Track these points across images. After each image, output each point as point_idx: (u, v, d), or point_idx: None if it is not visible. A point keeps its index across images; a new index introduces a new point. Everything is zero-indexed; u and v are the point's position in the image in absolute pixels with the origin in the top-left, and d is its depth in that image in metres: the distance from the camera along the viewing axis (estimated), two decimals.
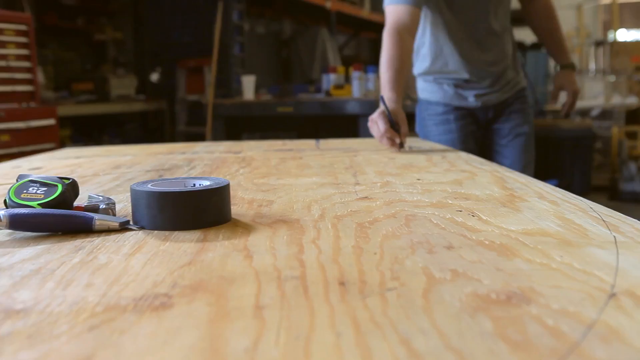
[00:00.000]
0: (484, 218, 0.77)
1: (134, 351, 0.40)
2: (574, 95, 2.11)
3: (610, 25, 12.53)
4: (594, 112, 5.15)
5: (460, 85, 2.06)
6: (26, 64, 2.88)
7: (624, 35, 11.71)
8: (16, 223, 0.70)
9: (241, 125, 3.97)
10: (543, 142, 4.34)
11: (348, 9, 7.20)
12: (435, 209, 0.83)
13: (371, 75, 3.71)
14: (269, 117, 3.82)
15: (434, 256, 0.60)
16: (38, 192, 0.76)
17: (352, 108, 3.53)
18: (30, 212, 0.71)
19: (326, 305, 0.47)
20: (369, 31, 8.72)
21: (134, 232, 0.73)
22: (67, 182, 0.78)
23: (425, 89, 2.11)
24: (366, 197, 0.92)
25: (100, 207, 0.80)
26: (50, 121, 2.92)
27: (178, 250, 0.64)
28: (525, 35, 9.13)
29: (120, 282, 0.54)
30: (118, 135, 4.87)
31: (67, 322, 0.45)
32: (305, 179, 1.12)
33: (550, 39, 2.16)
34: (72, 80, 4.53)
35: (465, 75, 2.04)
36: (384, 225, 0.74)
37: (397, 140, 1.56)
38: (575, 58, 11.15)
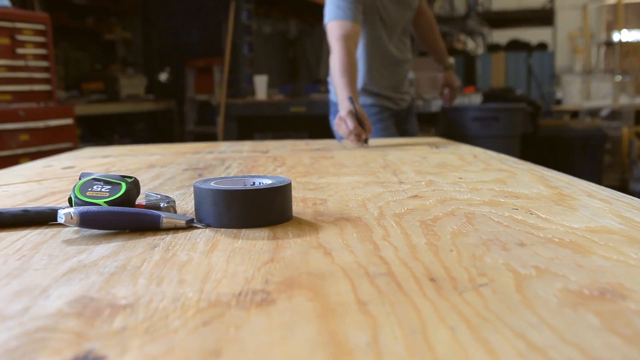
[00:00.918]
0: (543, 216, 0.78)
1: (257, 345, 0.41)
2: (455, 90, 2.49)
3: (613, 25, 12.55)
4: (603, 113, 5.16)
5: (388, 89, 2.33)
6: (44, 63, 2.89)
7: (625, 35, 11.73)
8: (86, 221, 0.70)
9: (253, 125, 3.97)
10: (553, 142, 4.35)
11: None
12: (490, 208, 0.83)
13: None
14: (281, 117, 3.83)
15: (510, 253, 0.61)
16: (103, 190, 0.77)
17: None
18: (100, 210, 0.71)
19: (426, 301, 0.48)
20: None
21: (200, 230, 0.74)
22: (129, 180, 0.79)
23: (361, 94, 2.29)
24: (416, 196, 0.93)
25: (161, 205, 0.81)
26: (68, 120, 2.93)
27: (254, 247, 0.65)
28: (529, 35, 9.16)
29: (212, 279, 0.55)
30: (127, 134, 4.88)
31: (178, 318, 0.46)
32: (347, 177, 1.13)
33: (434, 46, 2.51)
34: (82, 79, 4.54)
35: (392, 82, 2.31)
36: (447, 223, 0.74)
37: (363, 137, 1.74)
38: (579, 59, 11.17)
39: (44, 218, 0.79)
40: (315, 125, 4.14)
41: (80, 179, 0.80)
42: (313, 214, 0.81)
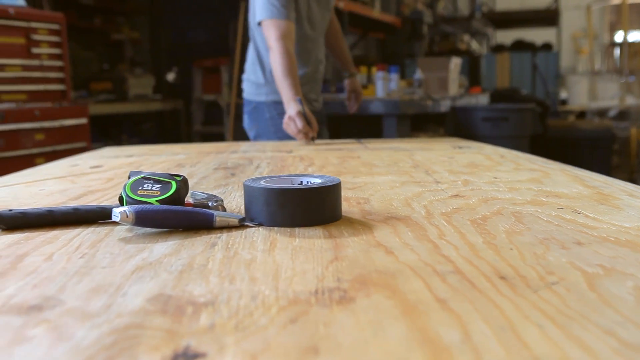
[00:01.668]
0: (591, 215, 0.78)
1: (351, 342, 0.41)
2: (360, 96, 2.56)
3: (616, 26, 12.55)
4: (611, 113, 5.16)
5: (305, 88, 2.32)
6: (58, 63, 2.89)
7: (631, 36, 11.72)
8: (142, 219, 0.71)
9: None
10: (561, 143, 4.35)
11: (360, 9, 7.20)
12: (535, 207, 0.84)
13: (394, 76, 3.73)
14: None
15: (571, 252, 0.62)
16: (153, 188, 0.77)
17: (376, 108, 3.54)
18: (155, 208, 0.72)
19: (503, 298, 0.49)
20: (378, 31, 8.74)
21: (253, 228, 0.74)
22: (179, 179, 0.79)
23: (273, 93, 2.29)
24: (457, 195, 0.93)
25: (210, 204, 0.81)
26: (82, 120, 2.93)
27: (313, 246, 0.65)
28: (532, 36, 9.16)
29: (282, 277, 0.55)
30: (135, 134, 4.88)
31: (262, 315, 0.46)
32: (381, 177, 1.13)
33: (340, 54, 2.57)
34: (90, 79, 4.54)
35: (311, 82, 2.32)
36: (498, 222, 0.75)
37: (310, 135, 1.88)
38: (582, 59, 11.17)
39: (94, 216, 0.79)
40: (328, 125, 4.15)
41: (129, 177, 0.80)
42: (361, 213, 0.82)
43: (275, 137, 2.25)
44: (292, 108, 1.91)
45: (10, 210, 0.77)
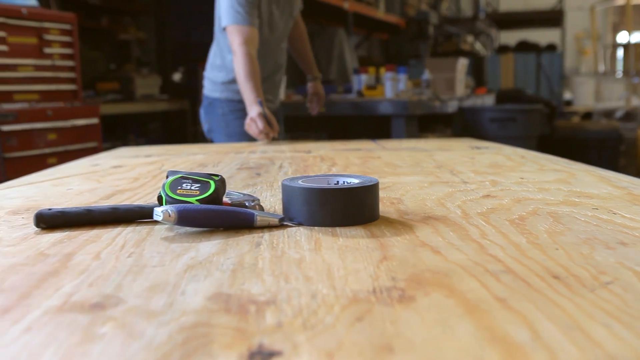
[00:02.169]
0: (627, 216, 0.79)
1: (423, 340, 0.41)
2: (322, 99, 2.62)
3: (619, 27, 12.55)
4: (618, 114, 5.16)
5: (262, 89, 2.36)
6: (70, 62, 2.89)
7: (635, 37, 11.72)
8: (184, 219, 0.71)
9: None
10: (568, 143, 4.36)
11: (364, 9, 7.21)
12: (570, 207, 0.84)
13: (402, 76, 3.73)
14: (299, 118, 3.83)
15: (617, 252, 0.62)
16: (192, 188, 0.78)
17: (384, 109, 3.54)
18: (198, 208, 0.72)
19: (562, 298, 0.49)
20: (382, 32, 8.74)
21: (294, 228, 0.74)
22: (216, 178, 0.80)
23: (232, 90, 2.36)
24: (488, 195, 0.94)
25: (247, 204, 0.82)
26: (93, 120, 2.93)
27: (359, 245, 0.66)
28: (539, 36, 9.16)
29: (336, 276, 0.55)
30: (142, 135, 4.88)
31: (327, 313, 0.46)
32: (408, 177, 1.14)
33: (304, 57, 2.60)
34: (97, 79, 4.54)
35: (266, 84, 2.34)
36: (536, 222, 0.75)
37: (271, 135, 2.00)
38: (585, 60, 11.17)
39: (132, 215, 0.79)
40: (334, 125, 4.15)
41: (167, 177, 0.80)
42: (397, 213, 0.82)
43: (224, 132, 2.35)
44: (253, 110, 2.01)
45: (49, 209, 0.78)
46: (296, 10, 2.43)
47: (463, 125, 4.19)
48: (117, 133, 4.67)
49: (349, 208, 0.74)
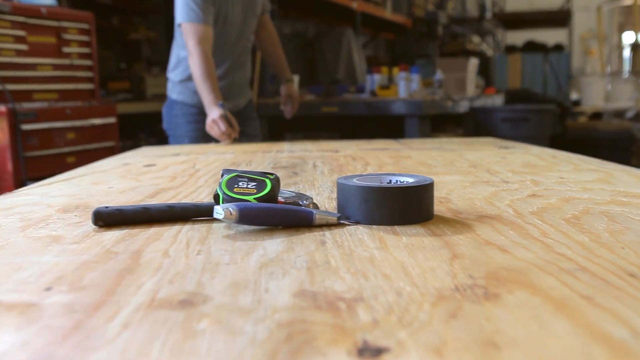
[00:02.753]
0: None
1: (524, 336, 0.42)
2: (296, 102, 2.58)
3: (624, 27, 12.54)
4: (629, 114, 5.17)
5: (221, 89, 2.31)
6: (87, 62, 2.90)
7: (631, 37, 11.70)
8: (245, 217, 0.71)
9: (284, 125, 3.98)
10: (580, 144, 4.35)
11: (372, 9, 7.22)
12: (620, 207, 0.84)
13: (415, 76, 3.73)
14: (312, 117, 3.84)
15: None
16: (249, 186, 0.78)
17: (398, 108, 3.55)
18: (258, 206, 0.72)
19: None
20: (388, 32, 8.75)
21: (352, 226, 0.75)
22: (271, 177, 0.80)
23: (182, 92, 2.37)
24: (534, 195, 0.94)
25: (301, 202, 0.82)
26: (111, 119, 2.94)
27: (423, 244, 0.66)
28: (546, 37, 9.16)
29: (414, 274, 0.56)
30: (152, 134, 4.89)
31: (419, 310, 0.47)
32: (447, 176, 1.14)
33: (276, 59, 2.58)
34: (108, 79, 4.55)
35: (222, 86, 2.30)
36: (592, 222, 0.75)
37: (233, 136, 2.04)
38: (591, 60, 11.16)
39: (188, 214, 0.80)
40: (346, 125, 4.16)
41: (222, 175, 0.81)
42: (449, 212, 0.82)
43: (174, 133, 2.36)
44: (214, 112, 2.03)
45: (106, 207, 0.78)
46: (259, 8, 2.40)
47: (475, 125, 4.19)
48: (127, 132, 4.68)
49: (407, 207, 0.75)
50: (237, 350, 0.40)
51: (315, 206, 0.82)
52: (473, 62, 4.67)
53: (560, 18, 8.34)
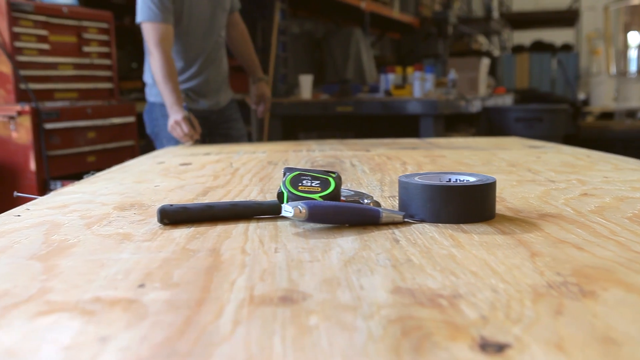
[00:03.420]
0: None
1: (629, 331, 0.42)
2: (268, 101, 2.56)
3: (630, 27, 12.51)
4: None
5: (193, 91, 2.33)
6: (107, 61, 2.91)
7: (637, 37, 11.65)
8: (315, 215, 0.72)
9: (298, 124, 3.99)
10: (594, 144, 4.35)
11: (381, 9, 7.22)
12: None
13: (429, 76, 3.74)
14: (326, 117, 3.85)
15: None
16: (313, 185, 0.79)
17: (413, 108, 3.56)
18: (327, 204, 0.73)
19: None
20: (394, 32, 8.75)
21: (418, 224, 0.75)
22: (333, 175, 0.81)
23: (159, 94, 2.30)
24: (586, 194, 0.95)
25: (363, 200, 0.82)
26: (130, 118, 2.95)
27: (496, 242, 0.66)
28: (553, 36, 9.16)
29: (501, 271, 0.56)
30: None
31: (520, 306, 0.47)
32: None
33: (247, 58, 2.55)
34: (121, 78, 4.55)
35: (198, 83, 2.31)
36: None
37: (194, 138, 2.06)
38: (598, 60, 11.15)
39: (250, 212, 0.80)
40: (361, 125, 4.16)
41: (284, 174, 0.82)
42: (509, 211, 0.83)
43: (160, 136, 2.31)
44: (177, 113, 2.03)
45: (171, 205, 0.79)
46: (228, 3, 2.37)
47: (488, 124, 4.19)
48: (140, 132, 4.69)
49: (473, 205, 0.75)
50: (358, 345, 0.41)
51: (378, 204, 0.83)
52: (485, 62, 4.68)
53: (568, 18, 8.33)
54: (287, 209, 0.72)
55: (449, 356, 0.39)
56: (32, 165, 2.42)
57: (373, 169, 1.27)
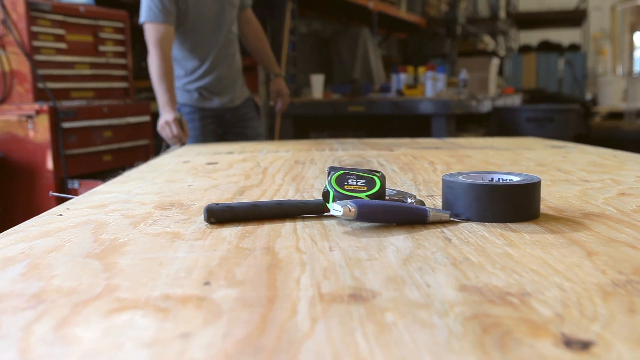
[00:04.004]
0: None
1: None
2: (286, 97, 2.55)
3: (635, 27, 12.50)
4: None
5: (206, 89, 2.35)
6: (122, 60, 2.92)
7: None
8: (364, 214, 0.72)
9: (309, 124, 4.00)
10: (605, 144, 4.35)
11: (388, 9, 7.22)
12: None
13: (441, 76, 3.74)
14: (337, 117, 3.85)
15: None
16: (359, 184, 0.79)
17: (425, 108, 3.56)
18: (376, 203, 0.73)
19: None
20: (401, 32, 8.75)
21: (465, 223, 0.75)
22: (378, 174, 0.81)
23: (184, 92, 2.37)
24: (624, 194, 0.95)
25: (407, 200, 0.83)
26: (145, 118, 2.96)
27: (548, 240, 0.67)
28: (559, 36, 9.15)
29: (561, 270, 0.56)
30: None
31: (592, 304, 0.47)
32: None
33: (263, 54, 2.56)
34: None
35: (210, 81, 2.34)
36: None
37: (183, 140, 2.11)
38: (603, 60, 11.14)
39: (295, 211, 0.81)
40: (371, 124, 4.17)
41: (329, 173, 0.82)
42: (551, 210, 0.83)
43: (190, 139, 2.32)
44: (168, 113, 2.07)
45: (217, 204, 0.79)
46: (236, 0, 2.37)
47: (498, 124, 4.19)
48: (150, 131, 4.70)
49: (519, 204, 0.76)
50: (441, 342, 0.41)
51: (422, 203, 0.83)
52: (495, 62, 4.68)
53: (575, 18, 8.33)
54: (336, 208, 0.72)
55: (534, 353, 0.39)
56: (50, 164, 2.43)
57: (403, 169, 1.27)
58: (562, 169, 1.22)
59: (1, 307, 0.50)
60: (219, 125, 2.43)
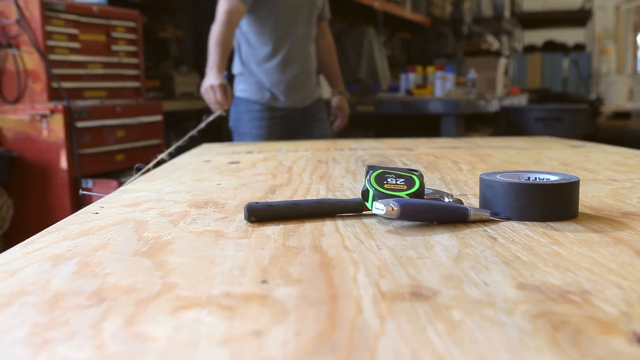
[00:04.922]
0: None
1: None
2: (345, 115, 2.59)
3: (639, 26, 12.49)
4: None
5: (277, 87, 2.35)
6: (134, 60, 2.92)
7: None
8: (406, 212, 0.73)
9: None
10: (613, 144, 4.36)
11: (393, 9, 7.22)
12: None
13: (450, 75, 3.74)
14: None
15: None
16: (398, 182, 0.80)
17: (434, 107, 3.56)
18: (418, 202, 0.74)
19: None
20: (405, 31, 8.76)
21: (506, 222, 0.76)
22: (416, 173, 0.82)
23: (245, 90, 2.41)
24: None
25: (444, 199, 0.83)
26: (157, 117, 2.96)
27: (593, 239, 0.67)
28: (564, 36, 9.14)
29: (615, 268, 0.57)
30: (181, 132, 4.91)
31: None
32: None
33: (331, 70, 2.60)
34: None
35: (284, 78, 2.34)
36: None
37: (225, 107, 2.09)
38: (607, 60, 11.13)
39: (335, 210, 0.81)
40: (380, 124, 4.17)
41: (367, 172, 0.82)
42: (588, 209, 0.84)
43: (240, 130, 2.39)
44: (215, 78, 2.06)
45: (257, 203, 0.80)
46: (320, 0, 2.40)
47: (507, 124, 4.19)
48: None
49: (560, 203, 0.76)
50: (515, 339, 0.42)
51: (460, 202, 0.83)
52: (502, 62, 4.68)
53: (580, 17, 8.32)
54: (379, 207, 0.73)
55: (610, 350, 0.40)
56: (64, 164, 2.44)
57: (428, 168, 1.28)
58: (587, 169, 1.22)
59: (65, 304, 0.51)
60: (287, 124, 2.44)
